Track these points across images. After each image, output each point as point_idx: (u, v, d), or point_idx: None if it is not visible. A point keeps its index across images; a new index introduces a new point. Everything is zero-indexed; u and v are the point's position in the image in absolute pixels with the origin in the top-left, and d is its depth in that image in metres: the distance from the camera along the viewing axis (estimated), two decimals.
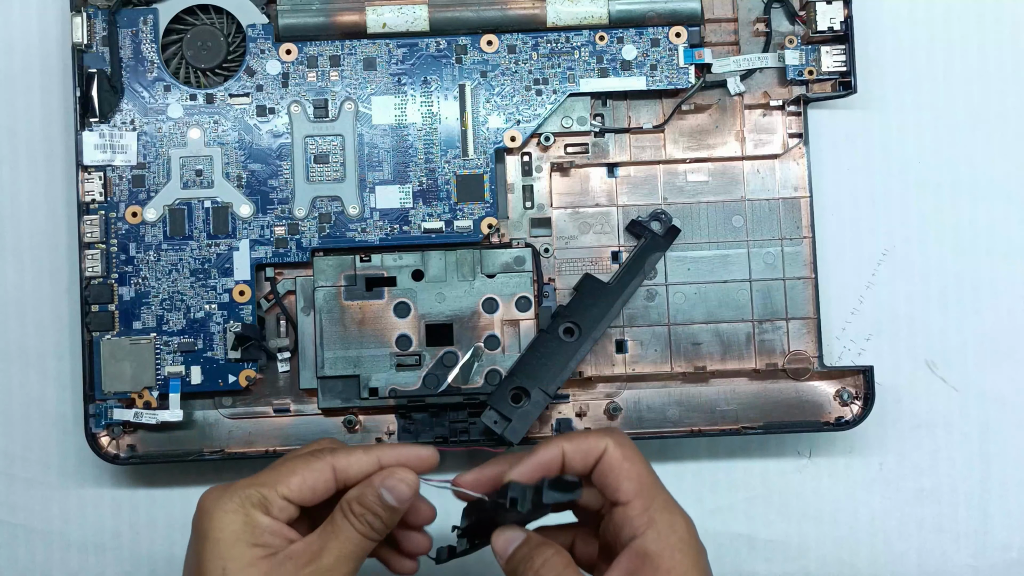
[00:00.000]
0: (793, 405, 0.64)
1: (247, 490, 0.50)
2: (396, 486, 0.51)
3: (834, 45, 0.63)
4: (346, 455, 0.52)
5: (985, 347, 0.66)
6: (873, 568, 0.66)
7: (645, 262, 0.63)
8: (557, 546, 0.50)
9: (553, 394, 0.61)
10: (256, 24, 0.63)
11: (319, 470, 0.51)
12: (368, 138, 0.63)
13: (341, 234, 0.63)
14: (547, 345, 0.61)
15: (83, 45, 0.62)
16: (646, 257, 0.63)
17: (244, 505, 0.50)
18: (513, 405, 0.61)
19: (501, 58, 0.63)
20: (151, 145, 0.63)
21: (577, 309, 0.62)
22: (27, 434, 0.65)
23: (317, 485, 0.51)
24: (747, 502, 0.66)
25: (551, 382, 0.61)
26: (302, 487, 0.51)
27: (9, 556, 0.65)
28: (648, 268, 0.62)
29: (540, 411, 0.61)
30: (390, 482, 0.51)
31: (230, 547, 0.49)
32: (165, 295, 0.62)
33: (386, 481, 0.51)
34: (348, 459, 0.52)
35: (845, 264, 0.66)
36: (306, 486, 0.51)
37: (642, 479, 0.50)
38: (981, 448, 0.66)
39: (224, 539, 0.49)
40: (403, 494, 0.51)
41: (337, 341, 0.62)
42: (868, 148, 0.67)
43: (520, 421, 0.60)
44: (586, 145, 0.64)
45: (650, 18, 0.63)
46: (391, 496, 0.51)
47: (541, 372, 0.61)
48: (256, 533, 0.49)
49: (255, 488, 0.50)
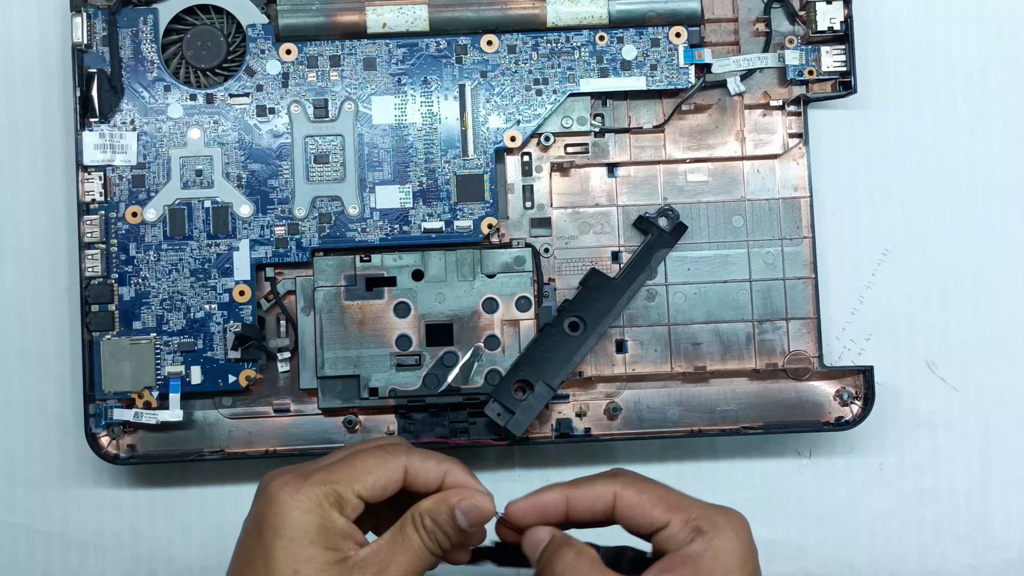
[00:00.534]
0: (793, 405, 0.64)
1: (323, 487, 0.48)
2: (472, 511, 0.50)
3: (834, 45, 0.63)
4: (420, 459, 0.50)
5: (985, 347, 0.66)
6: (873, 568, 0.66)
7: (652, 258, 0.63)
8: (580, 546, 0.49)
9: (557, 388, 0.61)
10: (256, 24, 0.63)
11: (393, 470, 0.50)
12: (368, 138, 0.63)
13: (341, 234, 0.63)
14: (552, 339, 0.61)
15: (83, 45, 0.62)
16: (652, 253, 0.63)
17: (321, 504, 0.48)
18: (516, 398, 0.61)
19: (501, 58, 0.63)
20: (151, 145, 0.63)
21: (582, 304, 0.62)
22: (27, 434, 0.65)
23: (389, 485, 0.50)
24: (747, 502, 0.66)
25: (555, 376, 0.61)
26: (375, 486, 0.49)
27: (9, 556, 0.65)
28: (655, 264, 0.62)
29: (544, 404, 0.61)
30: (466, 504, 0.50)
31: (305, 548, 0.47)
32: (165, 295, 0.62)
33: (463, 503, 0.50)
34: (422, 464, 0.50)
35: (845, 264, 0.66)
36: (379, 485, 0.49)
37: (667, 499, 0.49)
38: (981, 448, 0.66)
39: (299, 539, 0.47)
40: (478, 519, 0.50)
41: (337, 341, 0.62)
42: (868, 148, 0.67)
43: (523, 414, 0.60)
44: (586, 145, 0.64)
45: (650, 18, 0.63)
46: (465, 519, 0.50)
47: (545, 366, 0.61)
48: (331, 535, 0.48)
49: (331, 485, 0.48)
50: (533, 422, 0.62)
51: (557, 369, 0.61)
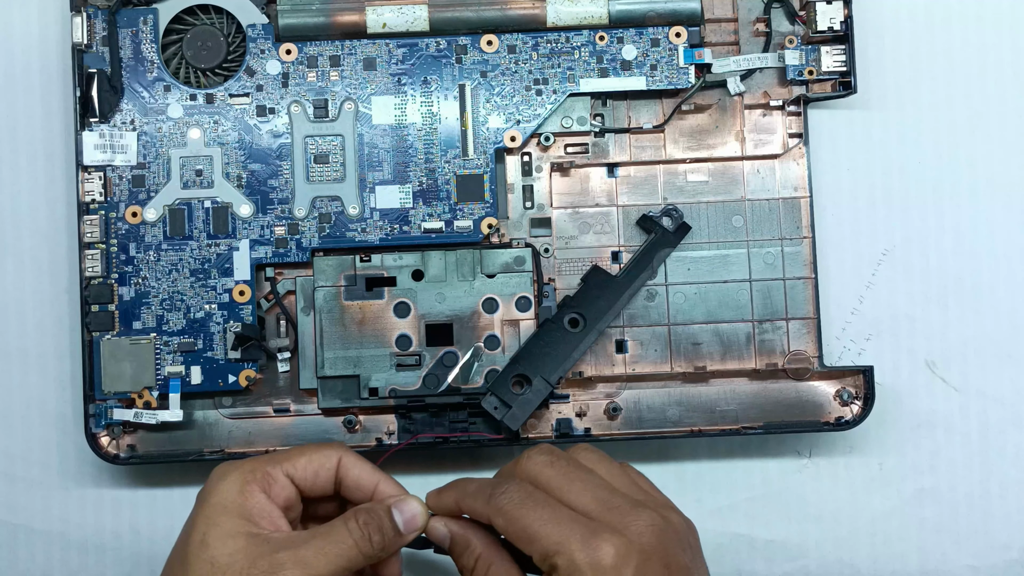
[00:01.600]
0: (793, 405, 0.64)
1: (253, 464, 0.51)
2: (408, 512, 0.51)
3: (834, 45, 0.63)
4: (356, 459, 0.52)
5: (985, 347, 0.66)
6: (873, 568, 0.66)
7: (654, 257, 0.63)
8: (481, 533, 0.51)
9: (555, 383, 0.61)
10: (256, 24, 0.63)
11: (327, 456, 0.52)
12: (368, 138, 0.63)
13: (341, 234, 0.63)
14: (551, 335, 0.61)
15: (83, 45, 0.62)
16: (655, 252, 0.63)
17: (248, 481, 0.50)
18: (514, 392, 0.61)
19: (501, 58, 0.63)
20: (151, 145, 0.63)
21: (583, 300, 0.62)
22: (27, 434, 0.65)
23: (320, 472, 0.51)
24: (747, 502, 0.66)
25: (553, 371, 0.61)
26: (307, 468, 0.51)
27: (9, 556, 0.65)
28: (657, 264, 0.62)
29: (541, 399, 0.61)
30: (404, 506, 0.51)
31: (218, 514, 0.49)
32: (165, 295, 0.62)
33: (400, 504, 0.51)
34: (356, 462, 0.52)
35: (845, 264, 0.66)
36: (311, 468, 0.51)
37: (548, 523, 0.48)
38: (981, 448, 0.66)
39: (215, 504, 0.49)
40: (413, 523, 0.51)
41: (337, 341, 0.62)
42: (868, 148, 0.67)
43: (520, 408, 0.60)
44: (586, 145, 0.64)
45: (650, 18, 0.63)
46: (401, 520, 0.51)
47: (544, 361, 0.61)
48: (247, 508, 0.49)
49: (260, 464, 0.51)
50: (532, 420, 0.62)
51: (556, 365, 0.61)
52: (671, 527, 0.48)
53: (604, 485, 0.50)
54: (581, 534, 0.47)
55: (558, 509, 0.48)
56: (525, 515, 0.48)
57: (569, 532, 0.47)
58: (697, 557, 0.50)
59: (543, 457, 0.50)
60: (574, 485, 0.49)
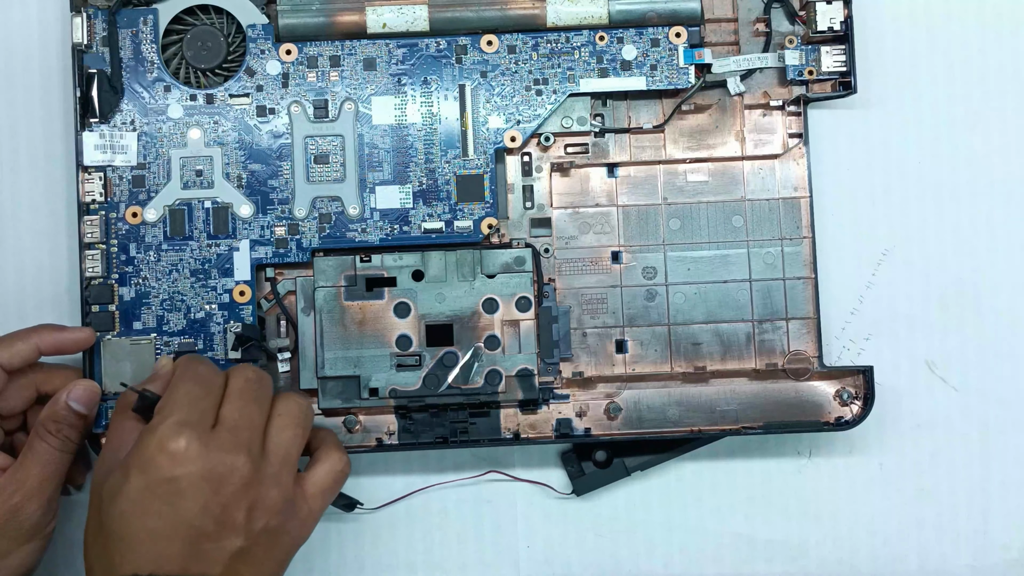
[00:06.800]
0: (793, 405, 0.64)
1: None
2: (82, 394, 0.58)
3: (834, 45, 0.63)
4: (7, 346, 0.57)
5: (985, 347, 0.66)
6: (873, 568, 0.66)
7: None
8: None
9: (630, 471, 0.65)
10: (256, 24, 0.63)
11: (26, 342, 0.58)
12: (368, 138, 0.63)
13: (341, 234, 0.63)
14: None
15: (83, 45, 0.62)
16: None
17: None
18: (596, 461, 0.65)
19: (501, 58, 0.63)
20: (151, 145, 0.63)
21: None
22: None
23: (15, 356, 0.57)
24: (747, 502, 0.66)
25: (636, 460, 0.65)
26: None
27: None
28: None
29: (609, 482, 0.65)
30: (75, 392, 0.57)
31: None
32: (165, 295, 0.62)
33: (71, 392, 0.57)
34: (9, 350, 0.57)
35: (845, 264, 0.66)
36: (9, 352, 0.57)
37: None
38: (981, 448, 0.66)
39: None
40: (90, 399, 0.58)
41: (337, 341, 0.62)
42: (868, 148, 0.67)
43: (592, 479, 0.65)
44: (586, 145, 0.64)
45: (650, 18, 0.63)
46: (80, 404, 0.57)
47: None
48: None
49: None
50: (532, 420, 0.62)
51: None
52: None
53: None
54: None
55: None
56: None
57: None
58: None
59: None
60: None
